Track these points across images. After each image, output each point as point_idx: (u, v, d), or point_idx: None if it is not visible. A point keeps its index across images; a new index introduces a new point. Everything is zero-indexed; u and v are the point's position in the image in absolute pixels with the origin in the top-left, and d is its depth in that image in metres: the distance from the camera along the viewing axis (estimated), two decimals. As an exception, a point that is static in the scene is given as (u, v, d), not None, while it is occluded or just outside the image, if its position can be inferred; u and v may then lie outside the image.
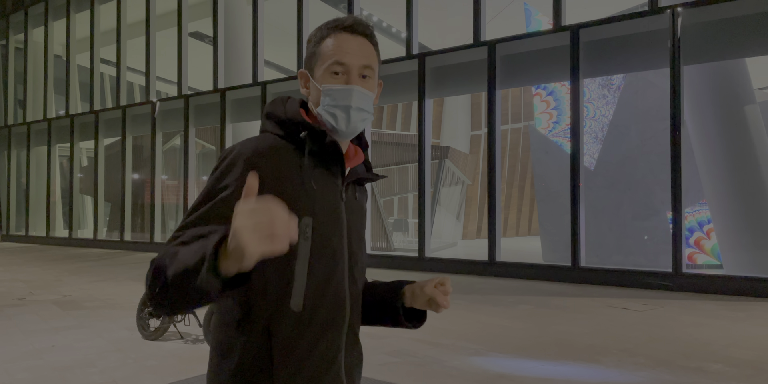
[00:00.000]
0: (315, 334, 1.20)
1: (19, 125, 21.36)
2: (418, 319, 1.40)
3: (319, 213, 1.22)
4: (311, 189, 1.21)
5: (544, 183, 11.86)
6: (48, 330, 6.08)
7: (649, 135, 10.39)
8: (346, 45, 1.26)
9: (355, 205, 1.33)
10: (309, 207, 1.20)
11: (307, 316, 1.20)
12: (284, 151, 1.23)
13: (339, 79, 1.26)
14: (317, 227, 1.21)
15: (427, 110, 11.71)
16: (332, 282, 1.23)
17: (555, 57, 10.05)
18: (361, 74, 1.27)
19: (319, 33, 1.30)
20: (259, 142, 1.22)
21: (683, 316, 6.71)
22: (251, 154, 1.18)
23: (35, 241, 20.27)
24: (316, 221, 1.21)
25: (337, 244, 1.25)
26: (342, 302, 1.25)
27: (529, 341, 5.48)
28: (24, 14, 21.16)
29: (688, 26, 8.77)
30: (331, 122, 1.26)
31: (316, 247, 1.20)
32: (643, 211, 10.39)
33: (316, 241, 1.20)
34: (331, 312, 1.23)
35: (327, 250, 1.23)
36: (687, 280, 8.44)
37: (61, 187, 20.83)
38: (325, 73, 1.26)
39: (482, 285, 9.35)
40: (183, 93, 15.95)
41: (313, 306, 1.20)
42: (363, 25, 1.29)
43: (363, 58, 1.27)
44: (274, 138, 1.25)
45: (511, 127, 22.66)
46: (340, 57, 1.25)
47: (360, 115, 1.27)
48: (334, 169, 1.28)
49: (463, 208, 20.31)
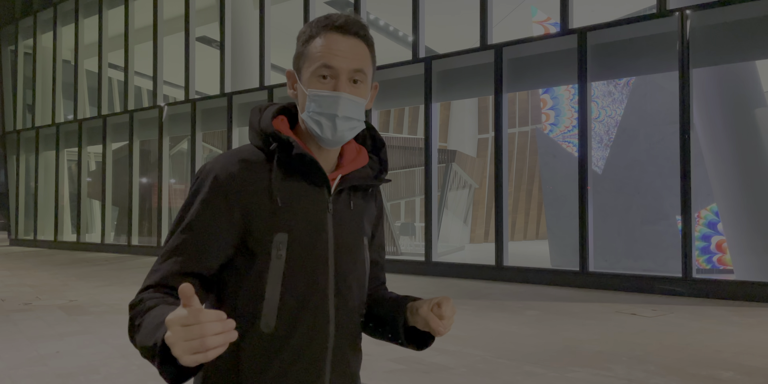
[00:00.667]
0: (289, 358, 1.14)
1: (28, 130, 21.48)
2: (423, 340, 1.29)
3: (295, 228, 1.14)
4: (281, 204, 1.14)
5: (551, 187, 11.79)
6: (53, 335, 6.06)
7: (658, 138, 10.30)
8: (336, 46, 1.16)
9: (348, 214, 1.23)
10: (282, 223, 1.14)
11: (280, 339, 1.13)
12: (258, 166, 1.17)
13: (326, 84, 1.17)
14: (293, 244, 1.14)
15: (434, 114, 11.67)
16: (310, 302, 1.15)
17: (562, 60, 9.99)
18: (352, 79, 1.18)
19: (308, 31, 1.20)
20: (230, 158, 1.18)
21: (693, 322, 6.62)
22: (219, 172, 1.14)
23: (43, 246, 20.34)
24: (291, 238, 1.14)
25: (318, 261, 1.17)
26: (323, 324, 1.17)
27: (537, 348, 5.41)
28: (33, 20, 21.30)
29: (697, 29, 8.69)
30: (315, 130, 1.18)
31: (291, 265, 1.14)
32: (652, 215, 10.29)
33: (292, 258, 1.14)
34: (308, 334, 1.15)
35: (305, 268, 1.15)
36: (697, 286, 8.34)
37: (70, 192, 20.91)
38: (312, 77, 1.17)
39: (490, 290, 9.27)
40: (190, 97, 15.99)
41: (287, 328, 1.13)
42: (356, 25, 1.19)
43: (354, 62, 1.17)
44: (251, 150, 1.20)
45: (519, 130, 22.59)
46: (329, 60, 1.16)
47: (347, 124, 1.18)
48: (314, 179, 1.19)
49: (471, 212, 20.24)
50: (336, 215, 1.21)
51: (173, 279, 1.10)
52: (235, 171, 1.15)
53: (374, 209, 1.33)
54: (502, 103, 10.61)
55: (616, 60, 9.52)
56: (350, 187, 1.24)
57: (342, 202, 1.23)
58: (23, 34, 22.08)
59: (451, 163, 16.15)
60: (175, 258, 1.11)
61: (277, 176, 1.16)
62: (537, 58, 10.36)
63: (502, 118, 10.59)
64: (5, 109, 22.67)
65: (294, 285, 1.14)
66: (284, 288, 1.13)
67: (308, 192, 1.19)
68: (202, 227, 1.12)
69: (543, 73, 10.38)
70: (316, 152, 1.23)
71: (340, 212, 1.22)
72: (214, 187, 1.13)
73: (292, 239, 1.14)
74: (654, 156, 10.35)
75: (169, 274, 1.10)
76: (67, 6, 20.03)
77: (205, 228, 1.12)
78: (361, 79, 1.19)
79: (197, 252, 1.11)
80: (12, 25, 22.47)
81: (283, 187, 1.16)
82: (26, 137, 21.68)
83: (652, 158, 10.39)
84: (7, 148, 22.70)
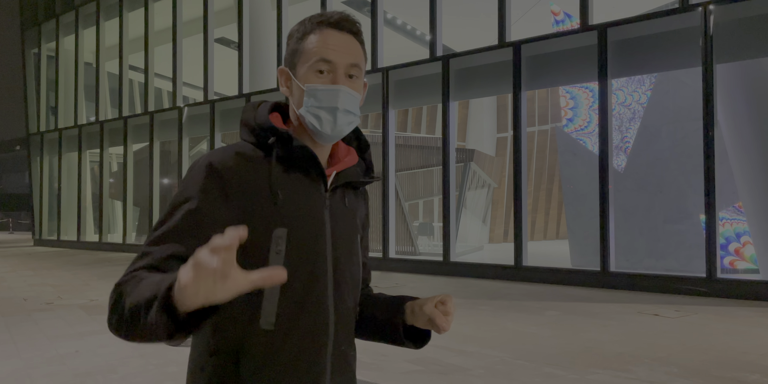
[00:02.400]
0: (290, 356, 1.12)
1: (51, 132, 21.80)
2: (421, 339, 1.29)
3: (294, 223, 1.13)
4: (281, 199, 1.13)
5: (571, 185, 11.64)
6: (73, 335, 6.11)
7: (681, 136, 10.11)
8: (332, 42, 1.17)
9: (343, 211, 1.23)
10: (282, 218, 1.12)
11: (281, 337, 1.11)
12: (255, 160, 1.15)
13: (324, 78, 1.17)
14: (292, 239, 1.12)
15: (452, 113, 11.60)
16: (311, 298, 1.14)
17: (582, 57, 9.85)
18: (348, 74, 1.19)
19: (302, 28, 1.21)
20: (226, 152, 1.16)
21: (718, 323, 6.47)
22: (216, 163, 1.12)
23: (66, 246, 20.63)
24: (290, 233, 1.12)
25: (317, 257, 1.15)
26: (324, 320, 1.15)
27: (557, 349, 5.32)
28: (55, 23, 21.61)
29: (721, 23, 8.51)
30: (315, 124, 1.17)
31: (291, 261, 1.11)
32: (675, 214, 10.10)
33: (292, 254, 1.11)
34: (310, 332, 1.13)
35: (305, 264, 1.13)
36: (722, 286, 8.16)
37: (92, 192, 21.18)
38: (309, 72, 1.17)
39: (509, 290, 9.18)
40: (209, 98, 16.09)
41: (288, 325, 1.11)
42: (350, 22, 1.20)
43: (350, 57, 1.18)
44: (245, 146, 1.18)
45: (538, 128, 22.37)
46: (326, 54, 1.16)
47: (346, 117, 1.18)
48: (312, 174, 1.19)
49: (490, 212, 20.10)
50: (333, 211, 1.20)
51: (166, 262, 1.06)
52: (233, 164, 1.13)
53: (364, 209, 1.33)
54: (521, 101, 10.50)
55: (637, 56, 9.36)
56: (344, 184, 1.24)
57: (337, 199, 1.23)
58: (46, 37, 22.42)
59: (470, 162, 16.05)
60: (169, 243, 1.07)
61: (277, 170, 1.15)
62: (556, 55, 10.23)
63: (521, 117, 10.48)
64: (29, 111, 23.03)
65: (293, 281, 1.10)
66: (285, 284, 1.09)
67: (307, 187, 1.18)
68: (200, 215, 1.09)
69: (563, 70, 10.25)
70: (311, 147, 1.22)
71: (336, 208, 1.22)
72: (212, 178, 1.11)
73: (291, 234, 1.12)
74: (677, 154, 10.16)
75: (162, 258, 1.06)
76: (89, 9, 20.29)
77: (202, 216, 1.09)
78: (356, 74, 1.20)
79: (192, 237, 1.07)
80: (35, 29, 22.82)
81: (283, 182, 1.15)
82: (49, 139, 22.01)
83: (675, 156, 10.20)
84: (30, 149, 23.06)
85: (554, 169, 22.15)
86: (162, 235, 1.08)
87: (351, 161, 1.27)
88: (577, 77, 10.32)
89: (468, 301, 8.17)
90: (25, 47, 23.31)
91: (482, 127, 21.56)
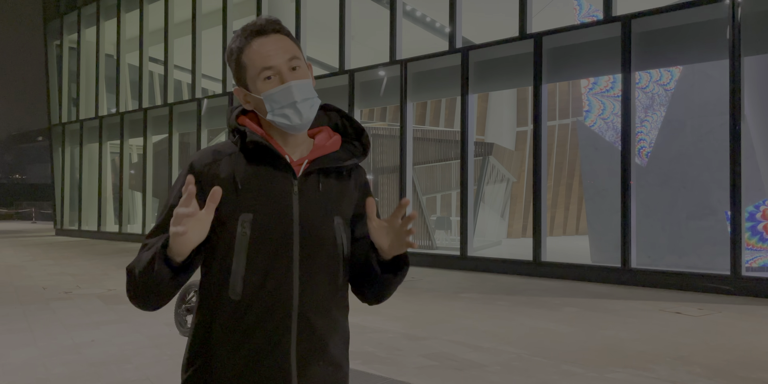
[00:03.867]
0: (253, 321, 1.27)
1: (73, 123, 22.01)
2: (398, 266, 1.37)
3: (259, 209, 1.29)
4: (242, 188, 1.29)
5: (592, 180, 11.44)
6: (89, 324, 6.14)
7: (706, 130, 9.86)
8: (264, 49, 1.29)
9: (316, 196, 1.34)
10: (246, 204, 1.28)
11: (245, 305, 1.27)
12: (227, 155, 1.33)
13: (273, 82, 1.30)
14: (257, 222, 1.28)
15: (471, 106, 11.46)
16: (273, 273, 1.28)
17: (605, 49, 9.66)
18: (291, 67, 1.30)
19: (235, 46, 1.33)
20: (206, 151, 1.36)
21: (742, 322, 6.31)
22: (195, 162, 1.33)
23: (87, 236, 20.86)
24: (255, 217, 1.28)
25: (282, 237, 1.29)
26: (286, 291, 1.28)
27: (575, 346, 5.22)
28: (77, 15, 21.77)
29: (749, 15, 8.26)
30: (285, 123, 1.31)
31: (255, 241, 1.28)
32: (698, 210, 9.88)
33: (256, 235, 1.28)
34: (270, 300, 1.28)
35: (268, 243, 1.28)
36: (746, 284, 7.98)
37: (112, 183, 21.37)
38: (259, 82, 1.30)
39: (527, 285, 9.06)
40: (227, 90, 16.09)
41: (251, 295, 1.27)
42: (270, 23, 1.32)
43: (285, 53, 1.30)
44: (225, 144, 1.37)
45: (559, 122, 22.02)
46: (265, 62, 1.29)
47: (307, 104, 1.31)
48: (278, 163, 1.32)
49: (508, 206, 19.88)
50: (303, 196, 1.32)
51: None
52: (209, 161, 1.32)
53: (353, 190, 1.43)
54: (542, 94, 10.33)
55: (662, 48, 9.14)
56: (319, 170, 1.35)
57: (310, 184, 1.34)
58: (68, 29, 22.59)
59: (489, 156, 15.87)
60: (159, 234, 1.28)
61: (241, 163, 1.31)
62: (578, 48, 10.04)
63: (542, 110, 10.31)
64: (51, 102, 23.28)
65: (257, 258, 1.28)
66: (249, 260, 1.27)
67: (273, 176, 1.32)
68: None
69: (585, 62, 10.06)
70: (281, 140, 1.36)
71: (308, 193, 1.33)
72: (192, 175, 1.27)
73: (255, 218, 1.28)
74: (701, 148, 9.92)
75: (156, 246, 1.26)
76: (110, 1, 20.39)
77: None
78: (297, 64, 1.31)
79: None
80: (57, 20, 23.02)
81: (246, 172, 1.30)
82: (71, 130, 22.23)
83: (699, 151, 9.96)
84: (53, 140, 23.33)
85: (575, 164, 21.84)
86: (155, 228, 1.30)
87: (331, 147, 1.39)
88: (600, 70, 10.12)
89: (485, 296, 8.08)
90: (48, 39, 23.53)
91: (501, 121, 21.31)
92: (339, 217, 1.37)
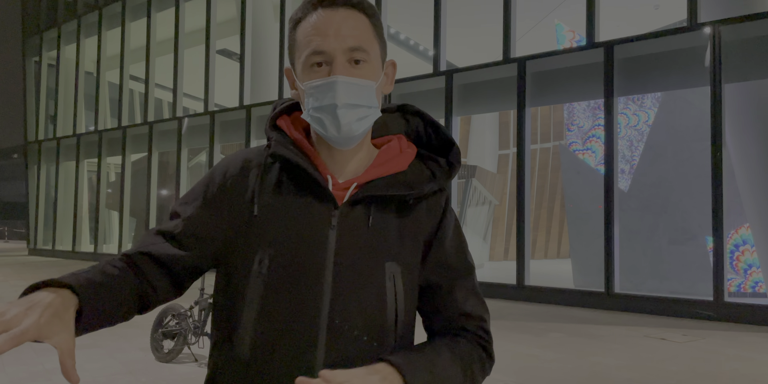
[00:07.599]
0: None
1: (50, 140, 21.65)
2: None
3: (281, 244, 0.97)
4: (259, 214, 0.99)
5: (574, 204, 11.48)
6: (60, 349, 5.89)
7: (687, 156, 9.98)
8: (324, 26, 0.96)
9: (363, 232, 1.00)
10: (266, 236, 0.98)
11: (258, 366, 0.97)
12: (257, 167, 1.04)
13: (322, 71, 0.97)
14: (276, 261, 0.97)
15: (454, 128, 11.48)
16: (293, 328, 0.96)
17: (588, 74, 9.75)
18: (351, 59, 0.97)
19: (295, 14, 1.01)
20: (237, 156, 1.08)
21: (727, 348, 6.27)
22: (218, 169, 1.08)
23: (61, 256, 20.37)
24: (275, 254, 0.97)
25: (308, 284, 0.96)
26: (308, 360, 0.96)
27: (562, 373, 5.12)
28: (57, 31, 21.57)
29: (730, 43, 8.41)
30: (319, 130, 0.99)
31: (272, 286, 0.96)
32: (680, 235, 9.93)
33: (274, 278, 0.96)
34: (286, 367, 0.96)
35: (289, 291, 0.96)
36: (729, 310, 7.97)
37: (89, 202, 20.97)
38: (305, 68, 0.98)
39: (510, 310, 8.97)
40: (209, 109, 15.98)
41: (265, 354, 0.96)
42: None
43: (348, 39, 0.96)
44: (261, 150, 1.07)
45: (540, 146, 22.25)
46: (318, 44, 0.96)
47: (352, 113, 0.96)
48: (313, 188, 1.00)
49: (490, 229, 19.92)
50: (343, 232, 0.99)
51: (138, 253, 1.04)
52: (235, 172, 1.05)
53: (424, 225, 1.06)
54: (525, 118, 10.39)
55: (644, 74, 9.26)
56: (371, 197, 1.01)
57: (356, 217, 1.01)
58: (47, 45, 22.36)
59: (471, 178, 15.91)
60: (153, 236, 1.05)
61: (266, 182, 1.02)
62: (562, 72, 10.14)
63: (525, 133, 10.35)
64: (28, 119, 22.91)
65: (274, 308, 0.96)
66: (262, 311, 0.97)
67: (307, 202, 1.00)
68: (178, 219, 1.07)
69: (568, 87, 10.14)
70: (327, 152, 1.04)
71: (351, 229, 1.00)
72: (205, 183, 1.07)
73: (276, 256, 0.97)
74: (682, 174, 10.02)
75: (139, 246, 1.05)
76: (91, 18, 20.25)
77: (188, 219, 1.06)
78: (362, 58, 0.98)
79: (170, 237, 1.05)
80: (36, 37, 22.78)
81: (272, 193, 1.01)
82: (47, 147, 21.85)
83: (680, 176, 10.05)
84: (28, 158, 22.90)
85: (556, 187, 22.01)
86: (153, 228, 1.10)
87: (396, 166, 1.03)
88: (583, 95, 10.22)
89: (469, 320, 7.96)
90: (26, 55, 23.27)
91: (484, 144, 21.45)
92: (394, 263, 1.01)
